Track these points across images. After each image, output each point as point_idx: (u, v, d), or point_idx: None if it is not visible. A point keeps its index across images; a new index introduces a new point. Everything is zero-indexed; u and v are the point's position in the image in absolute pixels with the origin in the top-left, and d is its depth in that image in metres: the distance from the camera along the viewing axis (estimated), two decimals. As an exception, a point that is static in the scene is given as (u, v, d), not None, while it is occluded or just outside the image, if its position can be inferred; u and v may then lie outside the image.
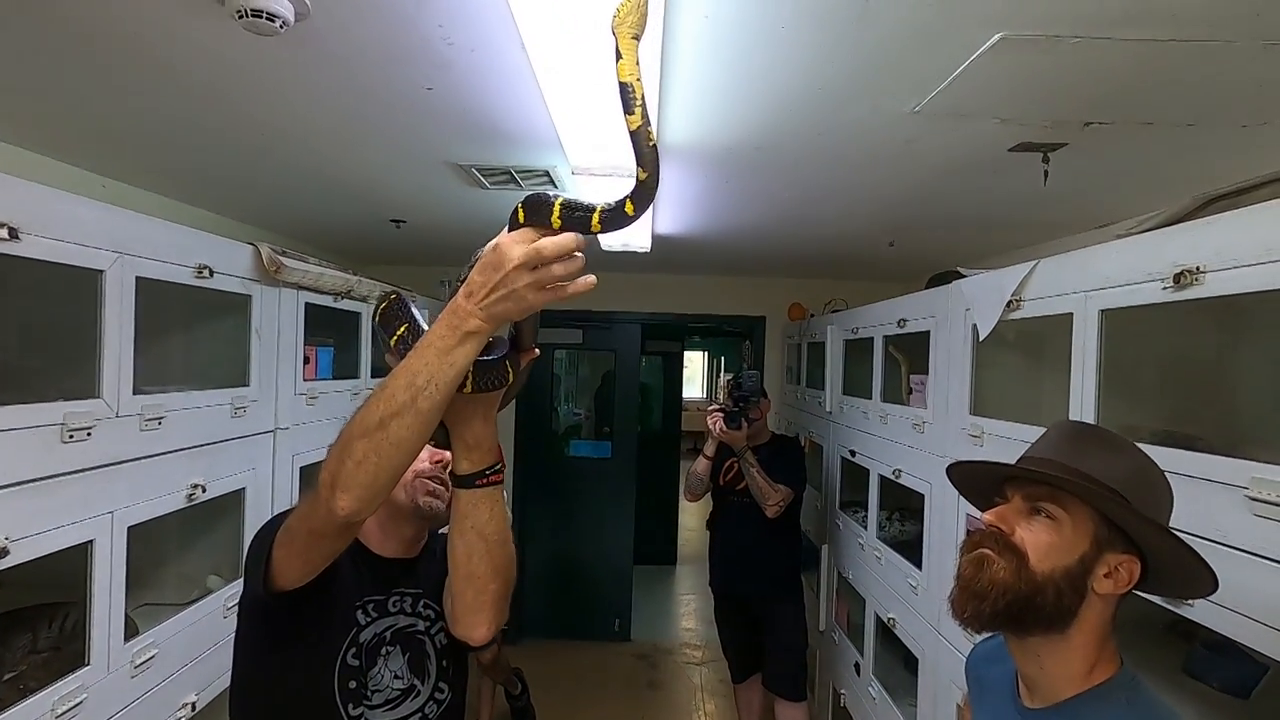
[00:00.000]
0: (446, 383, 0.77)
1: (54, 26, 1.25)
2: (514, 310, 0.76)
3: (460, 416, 0.90)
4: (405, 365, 0.78)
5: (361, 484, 0.78)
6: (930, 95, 1.41)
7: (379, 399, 0.78)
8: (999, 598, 0.82)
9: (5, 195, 1.11)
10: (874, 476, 2.59)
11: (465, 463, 0.92)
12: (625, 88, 0.70)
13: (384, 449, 0.76)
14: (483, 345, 0.78)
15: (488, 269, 0.75)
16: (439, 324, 0.78)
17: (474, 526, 0.93)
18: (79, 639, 1.41)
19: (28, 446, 1.17)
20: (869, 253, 3.32)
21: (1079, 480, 0.82)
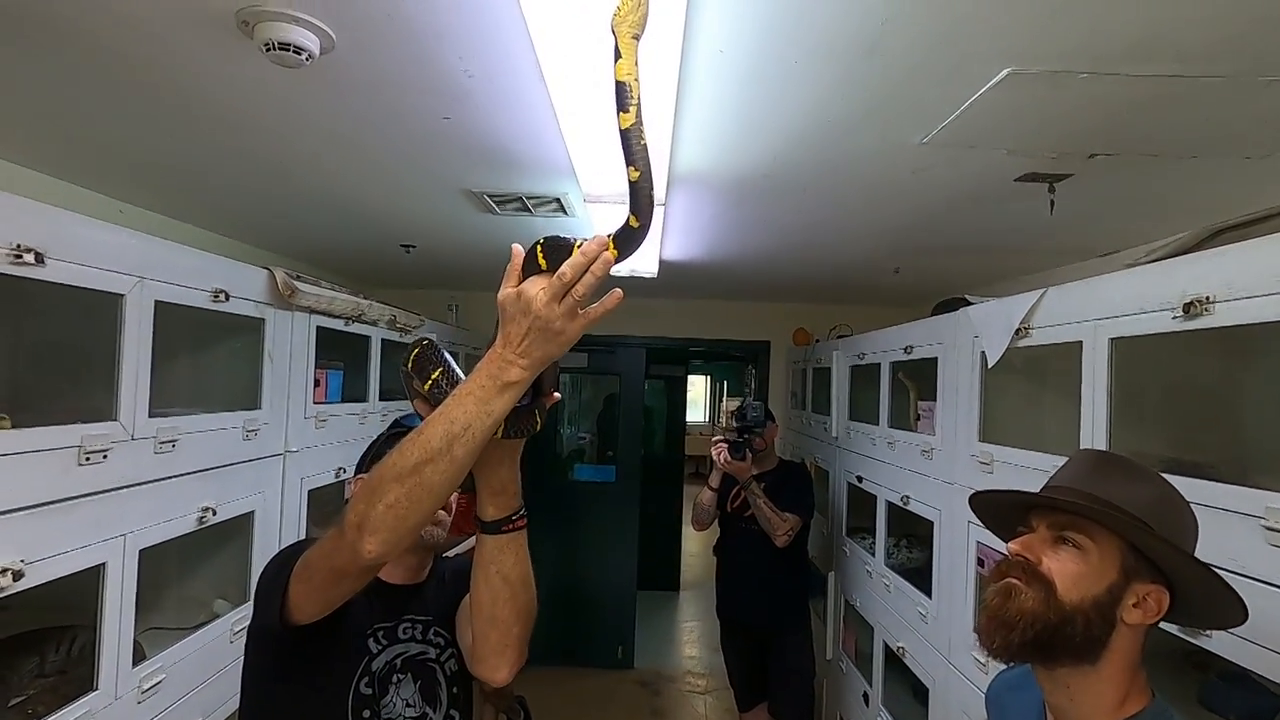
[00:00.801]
0: (483, 430, 0.76)
1: (84, 56, 1.28)
2: (553, 349, 0.75)
3: (487, 462, 0.91)
4: (443, 412, 0.77)
5: (390, 527, 0.77)
6: (938, 127, 1.43)
7: (414, 444, 0.77)
8: (1028, 627, 0.82)
9: (32, 221, 1.13)
10: (881, 503, 2.58)
11: (491, 508, 0.92)
12: (622, 86, 0.71)
13: (416, 494, 0.76)
14: (521, 394, 0.78)
15: (518, 316, 0.75)
16: (479, 372, 0.77)
17: (499, 571, 0.93)
18: (86, 663, 1.40)
19: (46, 468, 1.18)
20: (873, 278, 3.35)
21: (1105, 508, 0.82)
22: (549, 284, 0.73)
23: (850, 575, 2.97)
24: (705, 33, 1.10)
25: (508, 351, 0.75)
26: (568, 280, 0.72)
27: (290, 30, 1.12)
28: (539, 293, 0.73)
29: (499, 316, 0.78)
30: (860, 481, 2.83)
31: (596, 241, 0.73)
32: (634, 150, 0.72)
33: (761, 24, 1.08)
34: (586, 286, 0.73)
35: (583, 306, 0.74)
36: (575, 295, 0.73)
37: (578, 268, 0.72)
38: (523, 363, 0.75)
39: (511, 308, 0.75)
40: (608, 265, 0.73)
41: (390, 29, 1.14)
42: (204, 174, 2.02)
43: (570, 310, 0.74)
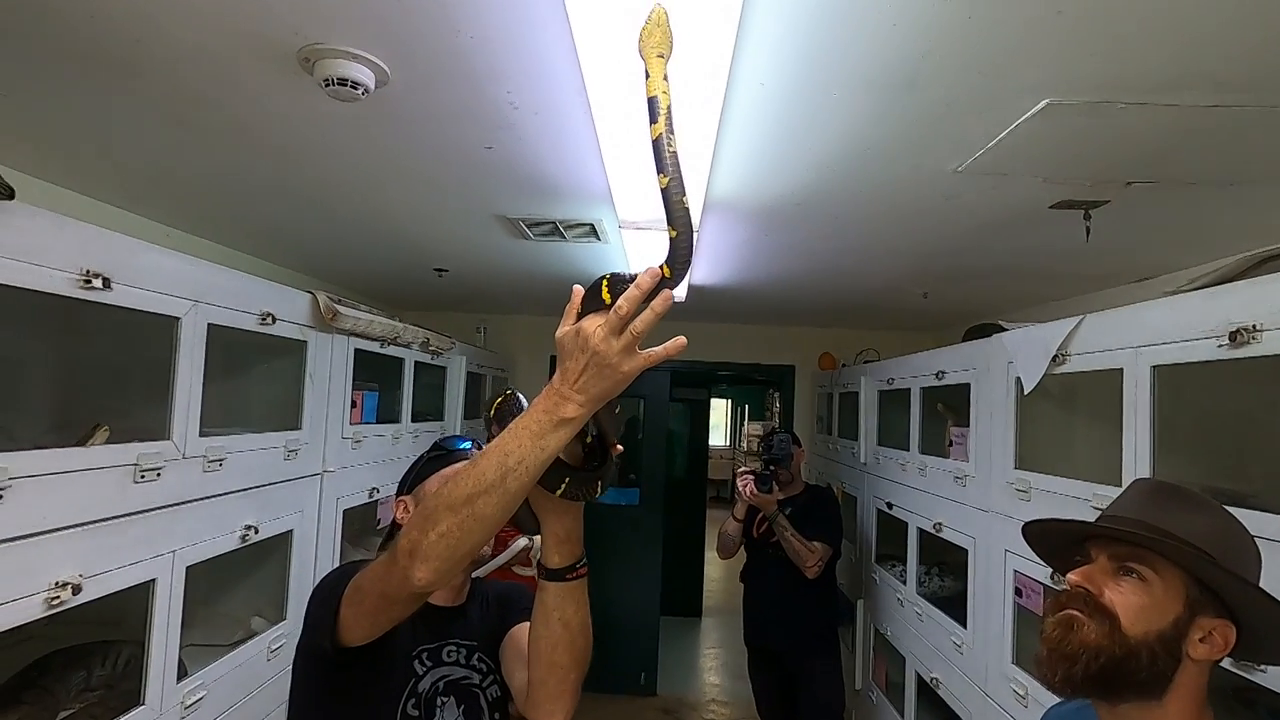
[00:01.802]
0: (536, 465, 0.76)
1: (146, 89, 1.35)
2: (609, 386, 0.74)
3: (554, 510, 0.91)
4: (499, 444, 0.77)
5: (441, 556, 0.78)
6: (974, 156, 1.45)
7: (469, 475, 0.77)
8: (1091, 661, 0.80)
9: (100, 247, 1.18)
10: (913, 530, 2.56)
11: (556, 556, 0.93)
12: (651, 100, 0.73)
13: (468, 524, 0.77)
14: (576, 431, 0.77)
15: (575, 353, 0.74)
16: (534, 407, 0.77)
17: (561, 619, 0.93)
18: (130, 678, 1.43)
19: (104, 486, 1.21)
20: (900, 303, 3.34)
21: (1167, 539, 0.81)
22: (607, 319, 0.72)
23: (880, 603, 2.93)
24: (748, 66, 1.13)
25: (564, 387, 0.74)
26: (624, 314, 0.71)
27: (349, 66, 1.17)
28: (596, 329, 0.72)
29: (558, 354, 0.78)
30: (890, 508, 2.81)
31: (649, 273, 0.72)
32: (663, 158, 0.73)
33: (803, 58, 1.11)
34: (645, 323, 0.71)
35: (641, 343, 0.73)
36: (633, 331, 0.71)
37: (633, 300, 0.71)
38: (579, 399, 0.74)
39: (570, 344, 0.74)
40: (667, 302, 0.72)
41: (444, 65, 1.18)
42: (250, 201, 2.09)
43: (628, 346, 0.72)
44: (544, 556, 0.94)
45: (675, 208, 0.72)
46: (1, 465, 1.02)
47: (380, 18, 1.05)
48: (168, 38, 1.14)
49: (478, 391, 3.81)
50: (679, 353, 0.74)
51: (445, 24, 1.06)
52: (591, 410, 0.76)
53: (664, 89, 0.73)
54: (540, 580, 0.94)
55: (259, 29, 1.10)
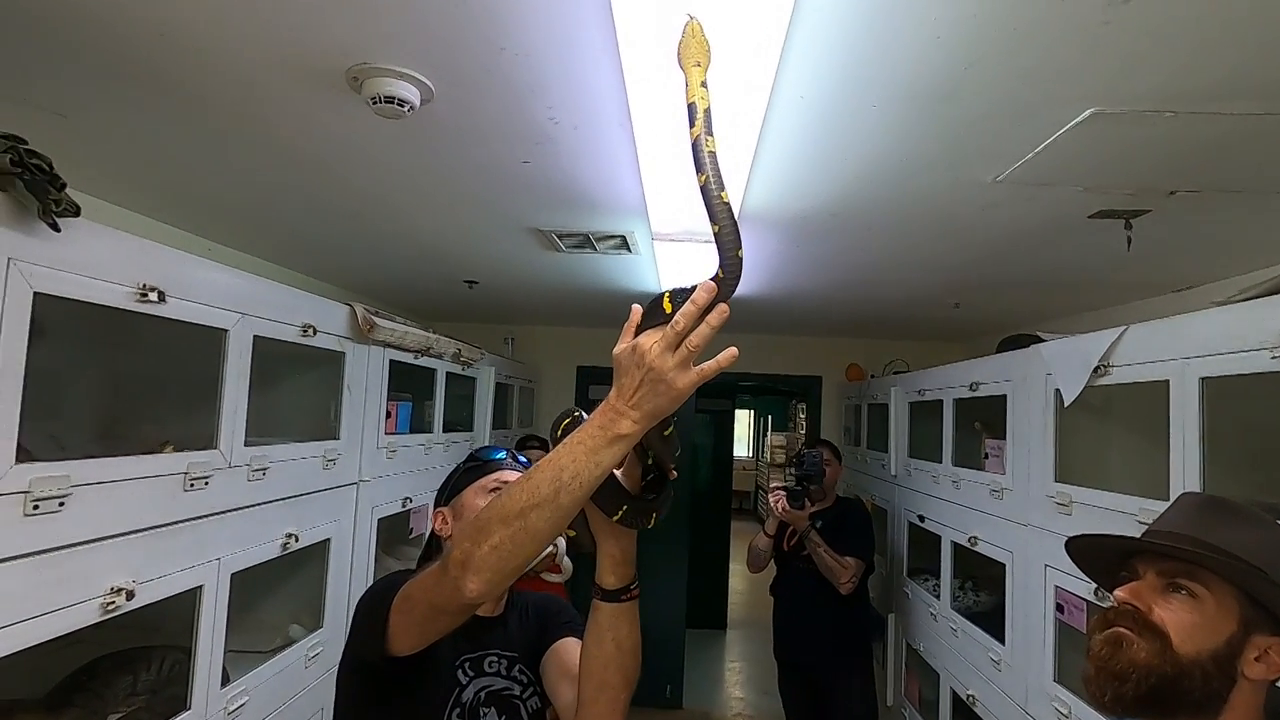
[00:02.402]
0: (590, 480, 0.76)
1: (194, 109, 1.39)
2: (664, 403, 0.74)
3: (610, 533, 0.92)
4: (553, 459, 0.77)
5: (493, 568, 0.79)
6: (1014, 166, 1.44)
7: (522, 488, 0.78)
8: (1142, 680, 0.79)
9: (155, 262, 1.22)
10: (946, 543, 2.52)
11: (611, 577, 0.93)
12: (690, 107, 0.74)
13: (520, 538, 0.77)
14: (630, 448, 0.77)
15: (631, 369, 0.74)
16: (591, 422, 0.77)
17: (614, 639, 0.94)
18: (175, 683, 1.46)
19: (156, 494, 1.24)
20: (931, 313, 3.31)
21: (1220, 555, 0.80)
22: (663, 334, 0.72)
23: (912, 618, 2.88)
24: (788, 80, 1.14)
25: (619, 403, 0.74)
26: (680, 330, 0.71)
27: (396, 85, 1.20)
28: (653, 344, 0.72)
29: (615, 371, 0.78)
30: (923, 521, 2.77)
31: (704, 287, 0.72)
32: (700, 157, 0.74)
33: (844, 71, 1.11)
34: (701, 337, 0.71)
35: (697, 359, 0.73)
36: (689, 346, 0.71)
37: (690, 316, 0.71)
38: (634, 415, 0.74)
39: (626, 360, 0.74)
40: (723, 315, 0.72)
41: (487, 81, 1.21)
42: (292, 217, 2.14)
43: (684, 361, 0.72)
44: (599, 577, 0.94)
45: (714, 202, 0.73)
46: (64, 473, 1.05)
47: (428, 36, 1.07)
48: (225, 61, 1.18)
49: (506, 402, 3.84)
50: (732, 364, 0.74)
51: (490, 42, 1.08)
52: (646, 427, 0.75)
53: (701, 95, 0.74)
54: (595, 601, 0.95)
55: (311, 50, 1.13)
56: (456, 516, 1.24)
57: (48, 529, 1.03)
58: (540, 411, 4.50)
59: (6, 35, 1.13)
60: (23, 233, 0.97)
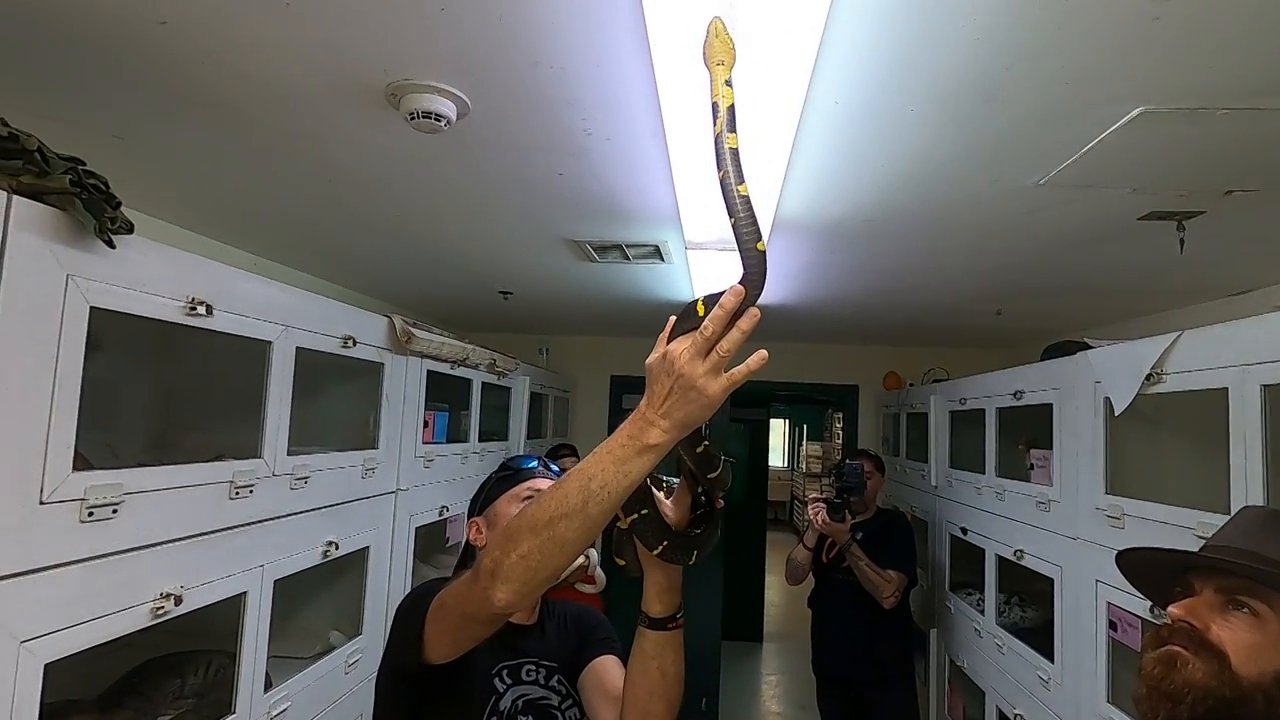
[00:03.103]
0: (619, 491, 0.74)
1: (237, 128, 1.43)
2: (695, 411, 0.71)
3: (657, 560, 0.91)
4: (582, 468, 0.76)
5: (521, 578, 0.78)
6: (1058, 168, 1.40)
7: (552, 497, 0.76)
8: (1197, 702, 0.75)
9: (202, 276, 1.26)
10: (991, 557, 2.45)
11: (658, 605, 0.93)
12: (714, 105, 0.74)
13: (548, 548, 0.76)
14: (661, 458, 0.74)
15: (661, 376, 0.72)
16: (620, 432, 0.75)
17: (659, 667, 0.93)
18: (220, 687, 1.49)
19: (203, 501, 1.28)
20: (971, 321, 3.24)
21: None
22: (693, 340, 0.70)
23: (956, 633, 2.80)
24: (823, 85, 1.12)
25: (650, 412, 0.72)
26: (709, 335, 0.69)
27: (433, 100, 1.22)
28: (682, 351, 0.71)
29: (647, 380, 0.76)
30: (965, 534, 2.70)
31: (732, 291, 0.70)
32: (721, 153, 0.73)
33: (879, 75, 1.10)
34: (732, 342, 0.70)
35: (728, 365, 0.71)
36: (720, 352, 0.70)
37: (718, 320, 0.70)
38: (664, 424, 0.72)
39: (656, 368, 0.73)
40: (754, 320, 0.70)
41: (522, 95, 1.22)
42: (333, 230, 2.19)
43: (714, 367, 0.70)
44: (645, 604, 0.94)
45: (732, 196, 0.72)
46: (116, 481, 1.09)
47: (464, 52, 1.09)
48: (269, 82, 1.21)
49: (540, 411, 3.86)
50: (762, 367, 0.72)
51: (525, 56, 1.09)
52: (677, 437, 0.73)
53: (724, 93, 0.74)
54: (641, 628, 0.94)
55: (351, 69, 1.16)
56: (490, 526, 1.25)
57: (102, 535, 1.06)
58: (575, 421, 4.51)
59: (70, 64, 1.18)
60: (81, 250, 1.01)
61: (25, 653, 0.95)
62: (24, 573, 0.94)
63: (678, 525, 0.92)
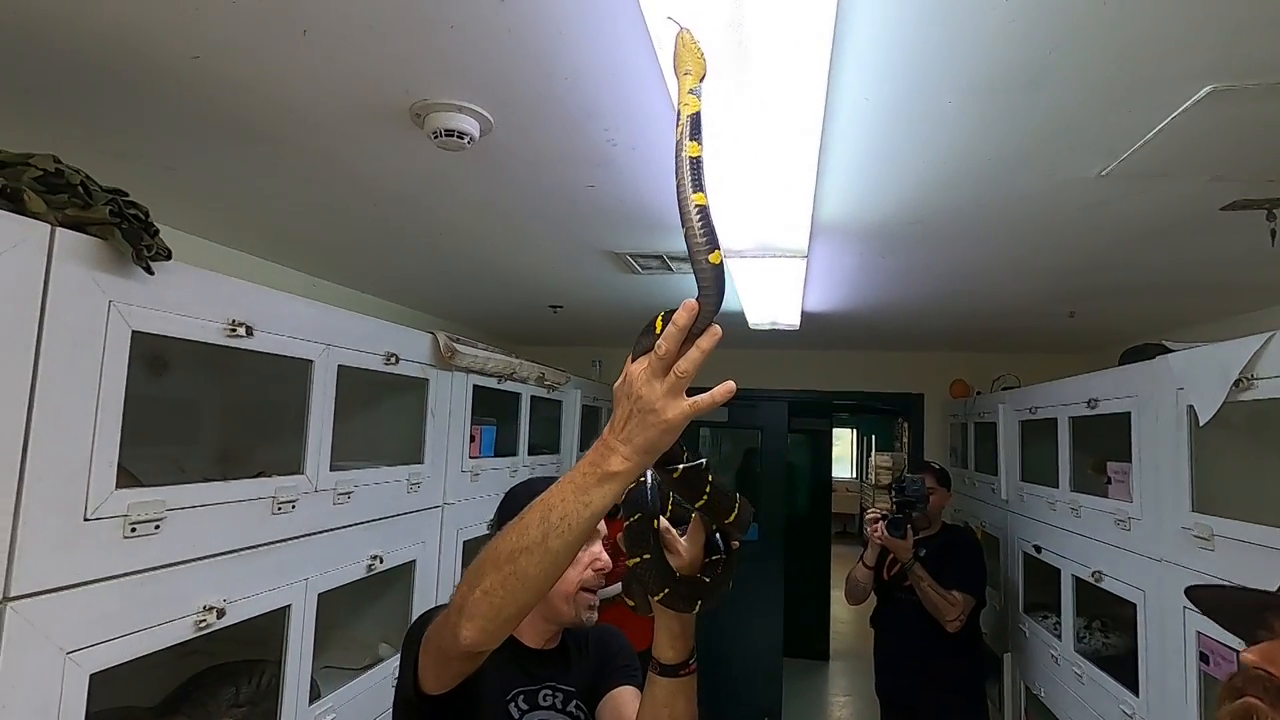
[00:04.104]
0: (580, 523, 0.70)
1: (277, 154, 1.48)
2: (654, 435, 0.67)
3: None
4: (544, 498, 0.72)
5: (485, 615, 0.74)
6: (1120, 158, 1.29)
7: (514, 529, 0.73)
8: None
9: (243, 298, 1.30)
10: (1067, 578, 2.27)
11: (670, 651, 0.89)
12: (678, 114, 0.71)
13: (510, 583, 0.72)
14: (625, 487, 0.71)
15: (622, 399, 0.69)
16: (583, 459, 0.71)
17: (671, 714, 0.89)
18: (271, 697, 1.53)
19: (246, 516, 1.32)
20: (1043, 324, 3.05)
21: None
22: (648, 360, 0.66)
23: (1031, 659, 2.62)
24: (849, 81, 1.07)
25: (611, 437, 0.68)
26: (663, 354, 0.65)
27: (456, 118, 1.23)
28: (640, 372, 0.67)
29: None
30: (1039, 551, 2.52)
31: (684, 307, 0.66)
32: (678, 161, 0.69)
33: (909, 66, 1.03)
34: (691, 363, 0.65)
35: (687, 385, 0.67)
36: (678, 372, 0.65)
37: (671, 339, 0.65)
38: (624, 450, 0.68)
39: (618, 391, 0.69)
40: (714, 338, 0.66)
41: (542, 108, 1.21)
42: (374, 248, 2.25)
43: (673, 389, 0.66)
44: (656, 650, 0.90)
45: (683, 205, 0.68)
46: (160, 498, 1.13)
47: (479, 68, 1.09)
48: (297, 106, 1.25)
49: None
50: (728, 399, 0.67)
51: (540, 68, 1.08)
52: (640, 464, 0.69)
53: (687, 101, 0.71)
54: (652, 674, 0.90)
55: (375, 91, 1.18)
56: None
57: (145, 550, 1.10)
58: (629, 433, 4.50)
59: (118, 103, 1.25)
60: (122, 277, 1.05)
61: (71, 664, 0.99)
62: (69, 586, 0.99)
63: (689, 568, 0.87)
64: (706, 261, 0.66)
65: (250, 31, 1.01)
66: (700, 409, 0.67)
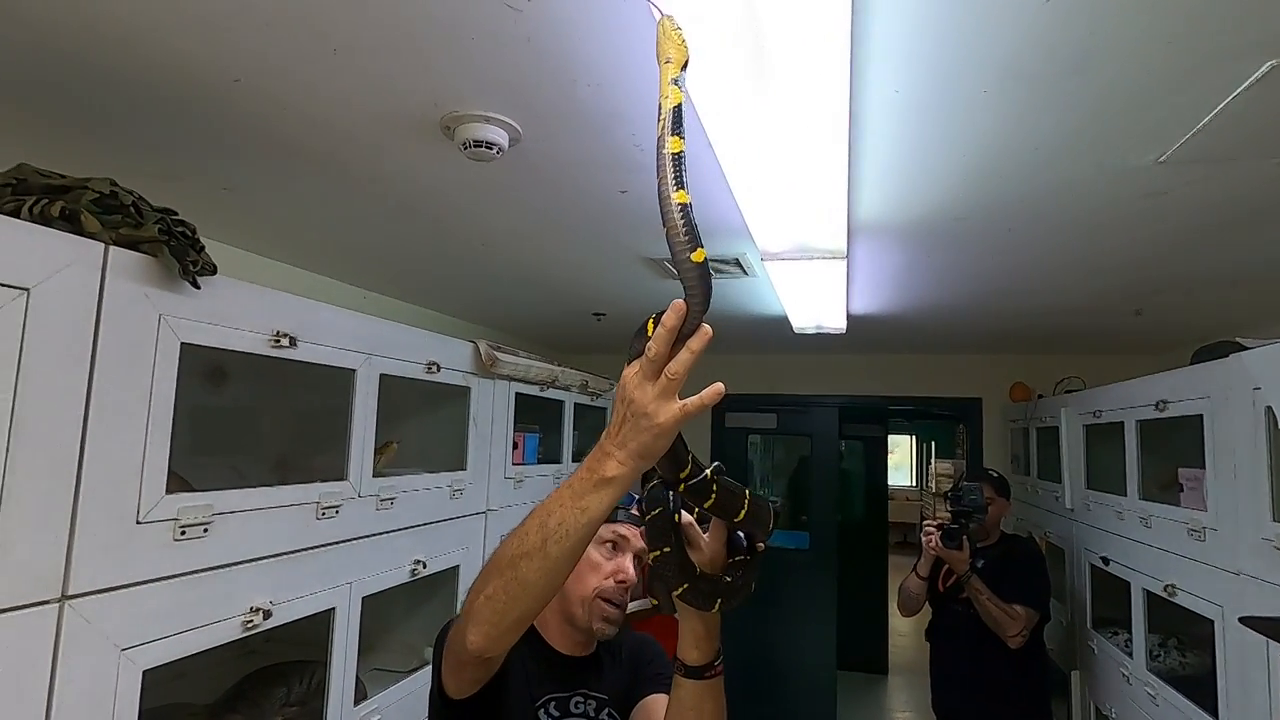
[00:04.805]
0: (578, 529, 0.70)
1: (318, 171, 1.53)
2: (647, 440, 0.67)
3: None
4: (544, 504, 0.73)
5: (489, 621, 0.74)
6: (1179, 143, 1.21)
7: (516, 535, 0.74)
8: None
9: (287, 310, 1.35)
10: (1137, 592, 2.14)
11: (695, 652, 0.88)
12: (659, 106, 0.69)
13: (512, 589, 0.72)
14: (622, 493, 0.70)
15: (618, 404, 0.69)
16: (581, 465, 0.72)
17: (699, 718, 0.88)
18: (319, 697, 1.57)
19: (291, 521, 1.36)
20: (1107, 323, 2.89)
21: None
22: (639, 363, 0.67)
23: (1100, 677, 2.47)
24: (875, 74, 1.04)
25: (607, 442, 0.69)
26: (652, 356, 0.65)
27: (484, 129, 1.25)
28: (632, 375, 0.67)
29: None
30: (1107, 564, 2.38)
31: (672, 308, 0.66)
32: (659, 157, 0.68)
33: (939, 56, 1.00)
34: (681, 364, 0.65)
35: (679, 388, 0.66)
36: (670, 375, 0.65)
37: (661, 340, 0.65)
38: (619, 455, 0.68)
39: (616, 395, 0.70)
40: (705, 339, 0.66)
41: (569, 115, 1.22)
42: (414, 259, 2.29)
43: (665, 392, 0.65)
44: (681, 651, 0.89)
45: (664, 203, 0.67)
46: (207, 502, 1.18)
47: (502, 79, 1.11)
48: (332, 122, 1.29)
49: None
50: (717, 400, 0.66)
51: (563, 75, 1.09)
52: (636, 468, 0.68)
53: (669, 93, 0.69)
54: (676, 676, 0.89)
55: (405, 104, 1.21)
56: None
57: (194, 552, 1.15)
58: (676, 440, 4.47)
59: (172, 128, 1.32)
60: (171, 291, 1.11)
61: (125, 660, 1.04)
62: (123, 586, 1.04)
63: (711, 566, 0.86)
64: (689, 260, 0.65)
65: (283, 53, 1.05)
66: (690, 412, 0.66)
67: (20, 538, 0.90)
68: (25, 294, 0.91)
